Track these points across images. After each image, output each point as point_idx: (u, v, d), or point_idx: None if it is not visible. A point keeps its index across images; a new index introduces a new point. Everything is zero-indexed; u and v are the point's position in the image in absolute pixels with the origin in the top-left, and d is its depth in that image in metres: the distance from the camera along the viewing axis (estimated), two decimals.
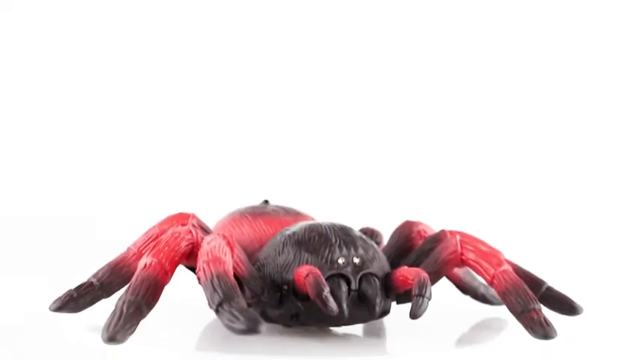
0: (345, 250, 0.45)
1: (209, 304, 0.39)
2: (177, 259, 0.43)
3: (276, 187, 0.92)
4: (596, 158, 1.00)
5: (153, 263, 0.42)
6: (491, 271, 0.46)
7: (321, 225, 0.46)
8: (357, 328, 0.48)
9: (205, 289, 0.39)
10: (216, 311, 0.38)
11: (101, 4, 1.01)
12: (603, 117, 1.01)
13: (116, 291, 0.47)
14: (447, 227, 0.49)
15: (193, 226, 0.46)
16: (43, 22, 1.00)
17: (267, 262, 0.45)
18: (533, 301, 0.44)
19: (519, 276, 0.46)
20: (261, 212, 0.52)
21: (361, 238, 0.46)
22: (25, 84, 1.00)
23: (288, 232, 0.46)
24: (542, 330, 0.43)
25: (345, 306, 0.43)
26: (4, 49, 1.00)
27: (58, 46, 1.01)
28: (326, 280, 0.43)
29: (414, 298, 0.43)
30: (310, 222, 0.47)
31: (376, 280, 0.45)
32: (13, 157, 0.99)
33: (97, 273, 0.47)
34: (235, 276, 0.42)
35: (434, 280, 0.47)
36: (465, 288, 0.53)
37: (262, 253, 0.47)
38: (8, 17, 0.99)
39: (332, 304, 0.42)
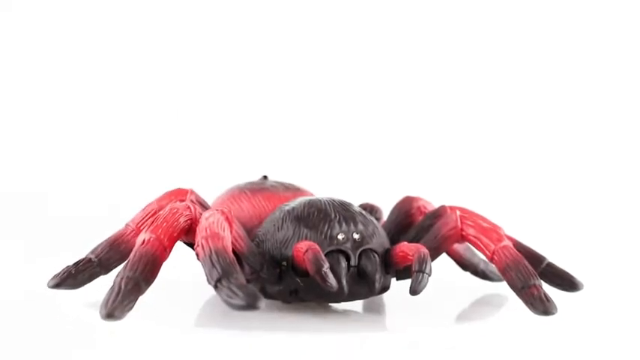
0: (344, 226, 0.44)
1: (208, 280, 0.39)
2: (175, 235, 0.42)
3: (275, 163, 0.92)
4: (598, 132, 1.00)
5: (151, 239, 0.41)
6: (492, 246, 0.45)
7: (320, 200, 0.46)
8: (356, 305, 0.48)
9: (204, 265, 0.39)
10: (215, 287, 0.38)
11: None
12: (598, 94, 1.01)
13: (114, 267, 0.46)
14: (447, 203, 0.49)
15: (192, 201, 0.46)
16: (43, 22, 1.00)
17: (266, 238, 0.45)
18: (534, 276, 0.44)
19: (520, 252, 0.46)
20: (260, 188, 0.51)
21: (361, 213, 0.46)
22: (24, 81, 1.00)
23: (287, 208, 0.46)
24: (542, 306, 0.43)
25: (344, 282, 0.43)
26: (4, 48, 0.99)
27: (56, 41, 1.00)
28: (325, 255, 0.43)
29: (414, 274, 0.43)
30: (309, 197, 0.47)
31: (376, 256, 0.44)
32: (14, 139, 0.99)
33: (95, 249, 0.47)
34: (234, 252, 0.41)
35: (434, 256, 0.46)
36: (465, 264, 0.53)
37: (261, 229, 0.46)
38: (8, 17, 0.99)
39: (331, 280, 0.42)
